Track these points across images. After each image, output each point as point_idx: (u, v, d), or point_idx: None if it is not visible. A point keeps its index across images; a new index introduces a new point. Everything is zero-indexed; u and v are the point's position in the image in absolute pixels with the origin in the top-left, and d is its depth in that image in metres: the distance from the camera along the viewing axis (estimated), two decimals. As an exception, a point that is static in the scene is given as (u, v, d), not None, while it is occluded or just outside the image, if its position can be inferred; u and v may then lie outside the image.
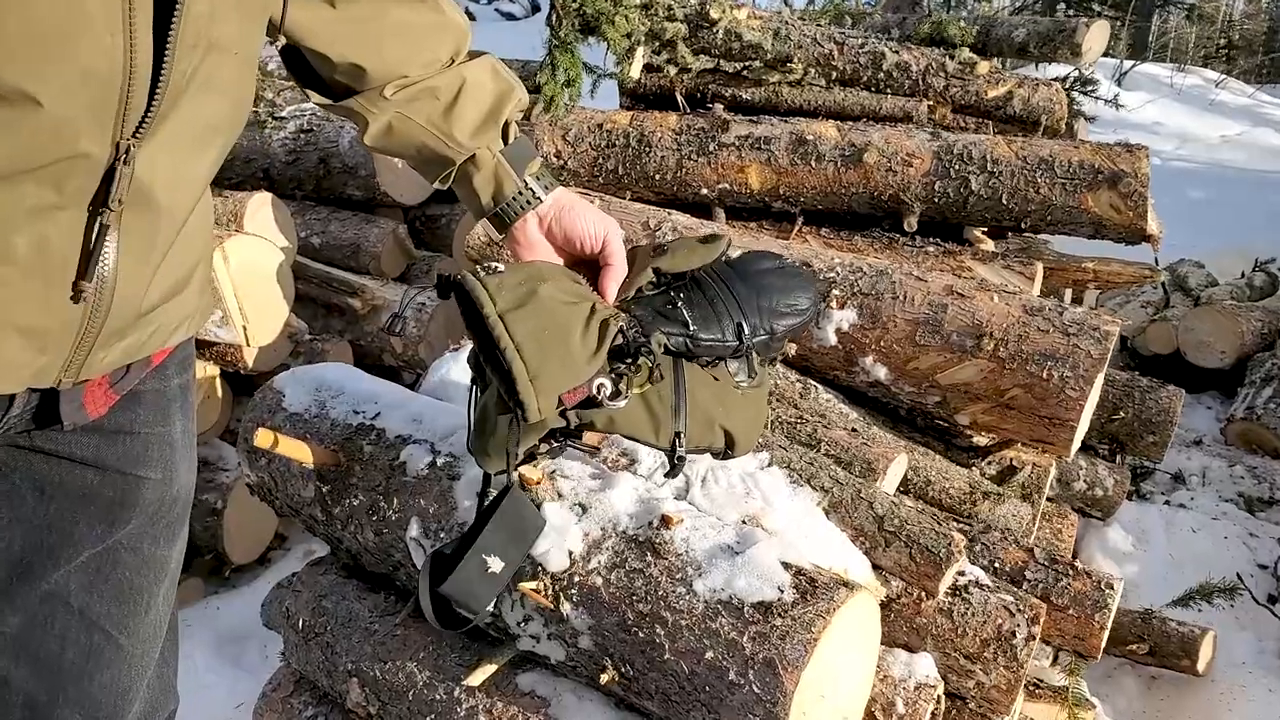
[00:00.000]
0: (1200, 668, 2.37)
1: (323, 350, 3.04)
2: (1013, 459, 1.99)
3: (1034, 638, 1.42)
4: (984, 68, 2.84)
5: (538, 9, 13.06)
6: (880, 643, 1.31)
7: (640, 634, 1.21)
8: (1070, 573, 1.65)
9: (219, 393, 2.73)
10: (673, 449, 1.16)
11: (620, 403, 1.09)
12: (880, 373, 1.89)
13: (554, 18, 2.55)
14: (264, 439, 1.35)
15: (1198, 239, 5.04)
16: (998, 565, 1.65)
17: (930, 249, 2.51)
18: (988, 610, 1.44)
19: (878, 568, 1.45)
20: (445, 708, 1.38)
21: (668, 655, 1.19)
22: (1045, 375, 1.76)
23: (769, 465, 1.46)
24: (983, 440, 2.00)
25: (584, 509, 1.31)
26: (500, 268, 1.11)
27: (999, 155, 2.43)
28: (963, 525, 1.70)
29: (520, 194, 1.18)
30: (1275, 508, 3.34)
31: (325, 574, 1.64)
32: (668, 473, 1.20)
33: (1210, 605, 2.62)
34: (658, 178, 2.66)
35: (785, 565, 1.20)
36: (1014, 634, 1.42)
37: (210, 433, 2.78)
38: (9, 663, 1.04)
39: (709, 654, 1.16)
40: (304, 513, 1.58)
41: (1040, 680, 1.82)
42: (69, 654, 1.06)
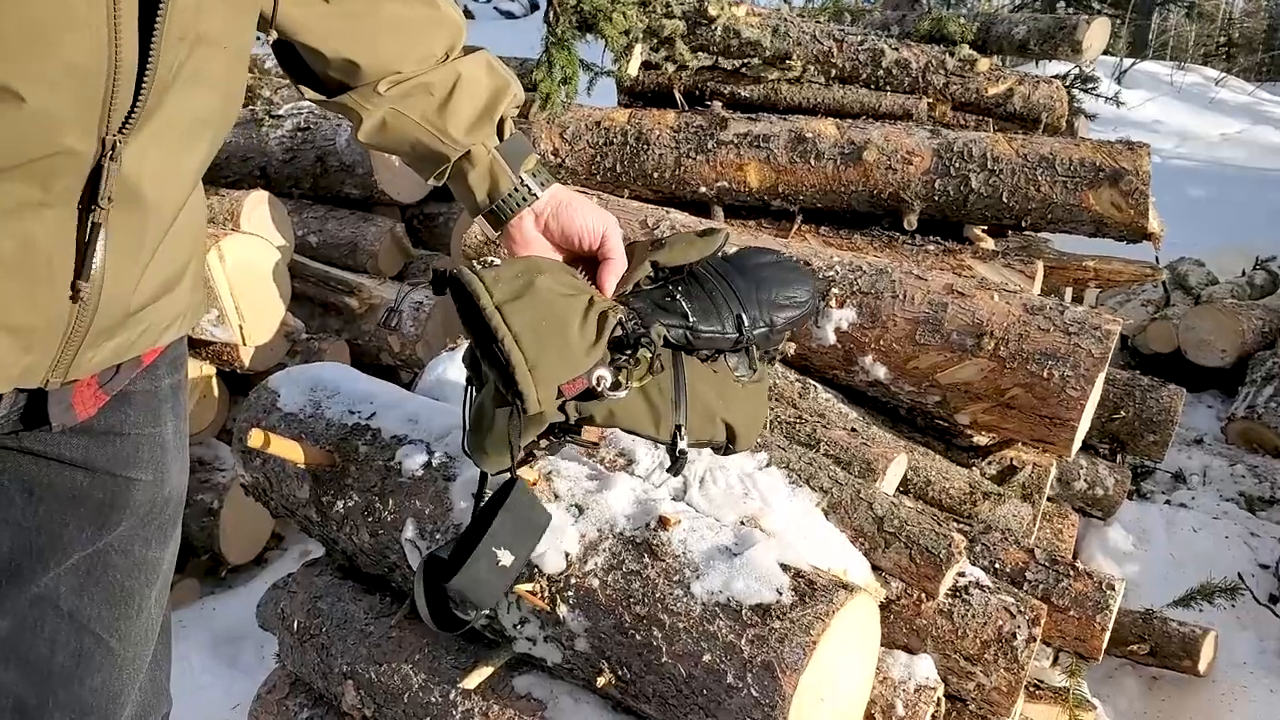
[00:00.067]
0: (1201, 668, 2.36)
1: (320, 349, 3.02)
2: (1013, 459, 1.98)
3: (1035, 639, 1.41)
4: (984, 65, 2.83)
5: (536, 7, 13.05)
6: (880, 644, 1.30)
7: (637, 636, 1.20)
8: (1071, 573, 1.64)
9: (215, 392, 2.73)
10: (673, 442, 1.15)
11: (620, 394, 1.07)
12: (880, 372, 1.88)
13: (551, 15, 2.53)
14: (257, 439, 1.34)
15: (1198, 237, 5.02)
16: (998, 566, 1.64)
17: (930, 247, 2.50)
18: (988, 611, 1.43)
19: (877, 569, 1.44)
20: (441, 710, 1.37)
21: (665, 658, 1.17)
22: (1046, 375, 1.75)
23: (767, 465, 1.45)
24: (983, 440, 1.99)
25: (581, 510, 1.30)
26: (496, 262, 1.10)
27: (999, 153, 2.42)
28: (963, 526, 1.69)
29: (516, 191, 1.16)
30: (1276, 507, 3.33)
31: (320, 575, 1.63)
32: (669, 468, 1.18)
33: (1211, 605, 2.60)
34: (656, 176, 2.64)
35: (784, 567, 1.19)
36: (1014, 635, 1.41)
37: (206, 432, 2.78)
38: None
39: (707, 657, 1.15)
40: (299, 513, 1.57)
41: (1041, 681, 1.81)
42: (59, 657, 1.05)
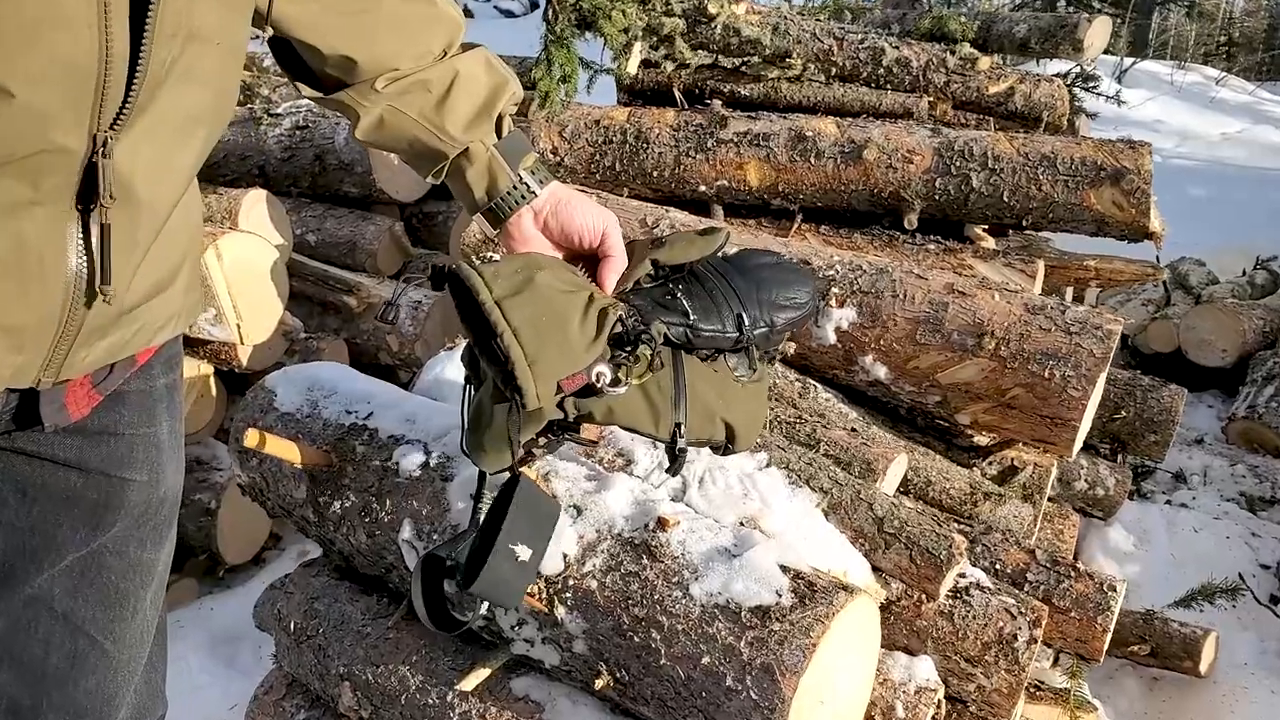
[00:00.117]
0: (1202, 669, 2.35)
1: (318, 348, 3.01)
2: (1014, 459, 1.98)
3: (1036, 641, 1.40)
4: (985, 63, 2.82)
5: (536, 5, 13.05)
6: (880, 646, 1.29)
7: (636, 638, 1.19)
8: (1072, 574, 1.63)
9: (213, 391, 2.72)
10: (673, 440, 1.14)
11: (620, 391, 1.07)
12: (880, 372, 1.87)
13: (550, 13, 2.52)
14: (254, 439, 1.34)
15: (1198, 237, 5.01)
16: (999, 567, 1.63)
17: (931, 247, 2.49)
18: (989, 613, 1.42)
19: (877, 570, 1.43)
20: (438, 712, 1.36)
21: (664, 660, 1.17)
22: (1047, 374, 1.74)
23: (767, 466, 1.44)
24: (983, 440, 1.98)
25: (579, 511, 1.29)
26: (496, 258, 1.09)
27: (1000, 152, 2.41)
28: (963, 526, 1.68)
29: (515, 188, 1.15)
30: (1277, 507, 3.32)
31: (317, 576, 1.62)
32: (668, 468, 1.17)
33: (1212, 606, 2.59)
34: (655, 175, 2.63)
35: (784, 568, 1.18)
36: (1015, 637, 1.40)
37: (204, 432, 2.77)
38: None
39: (706, 659, 1.14)
40: (296, 514, 1.56)
41: (1041, 682, 1.80)
42: (53, 659, 1.05)
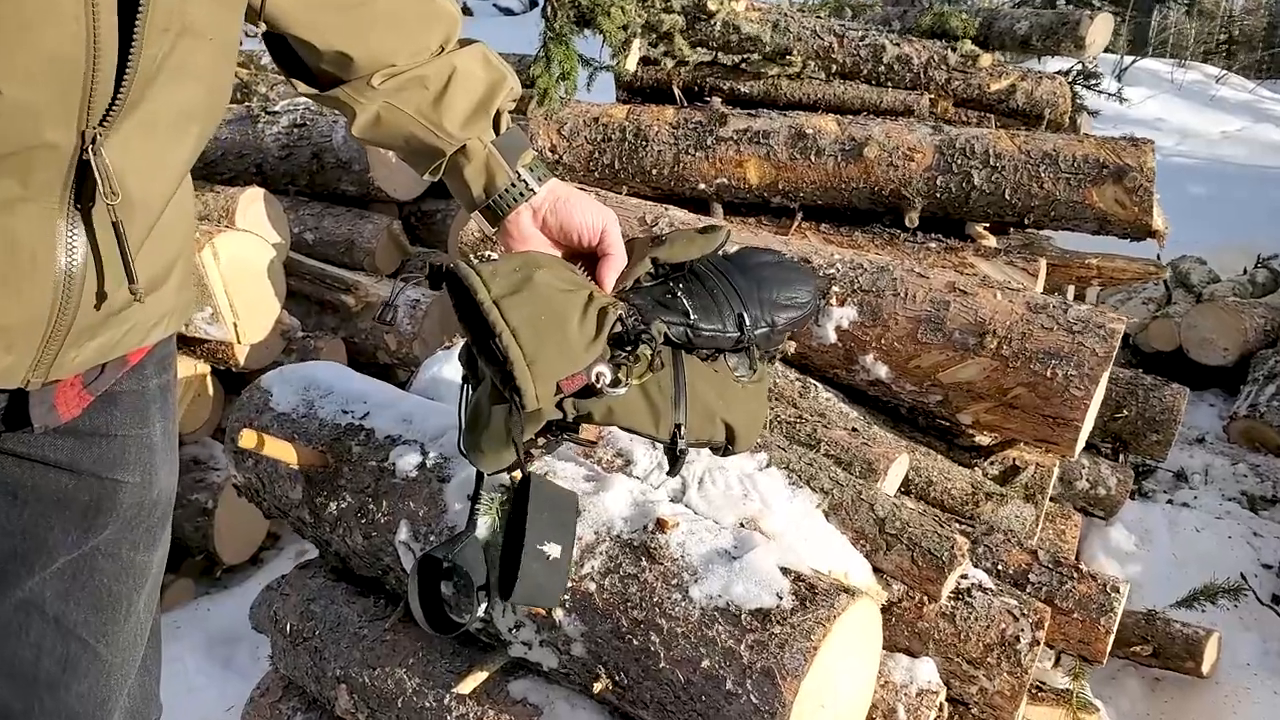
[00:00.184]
0: (1205, 669, 2.33)
1: (316, 347, 3.00)
2: (1015, 459, 1.96)
3: (1038, 643, 1.39)
4: (986, 61, 2.80)
5: (535, 3, 13.02)
6: (881, 648, 1.28)
7: (635, 641, 1.17)
8: (1075, 575, 1.62)
9: (210, 391, 2.71)
10: (673, 441, 1.13)
11: (619, 391, 1.05)
12: (881, 371, 1.86)
13: (549, 9, 2.51)
14: (248, 440, 1.32)
15: (1199, 235, 4.99)
16: (1001, 568, 1.62)
17: (932, 245, 2.47)
18: (991, 615, 1.41)
19: (879, 571, 1.42)
20: (435, 715, 1.35)
21: (663, 664, 1.15)
22: (1049, 374, 1.73)
23: (767, 466, 1.43)
24: (985, 440, 1.97)
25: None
26: (494, 257, 1.07)
27: (1002, 149, 2.39)
28: (965, 527, 1.67)
29: (513, 186, 1.14)
30: (1278, 506, 3.31)
31: (314, 577, 1.61)
32: (668, 468, 1.16)
33: (1214, 606, 2.58)
34: (655, 172, 2.62)
35: (784, 571, 1.17)
36: (1018, 639, 1.39)
37: (201, 431, 2.75)
38: None
39: (705, 663, 1.12)
40: (292, 514, 1.55)
41: (1043, 683, 1.79)
42: (44, 663, 1.03)
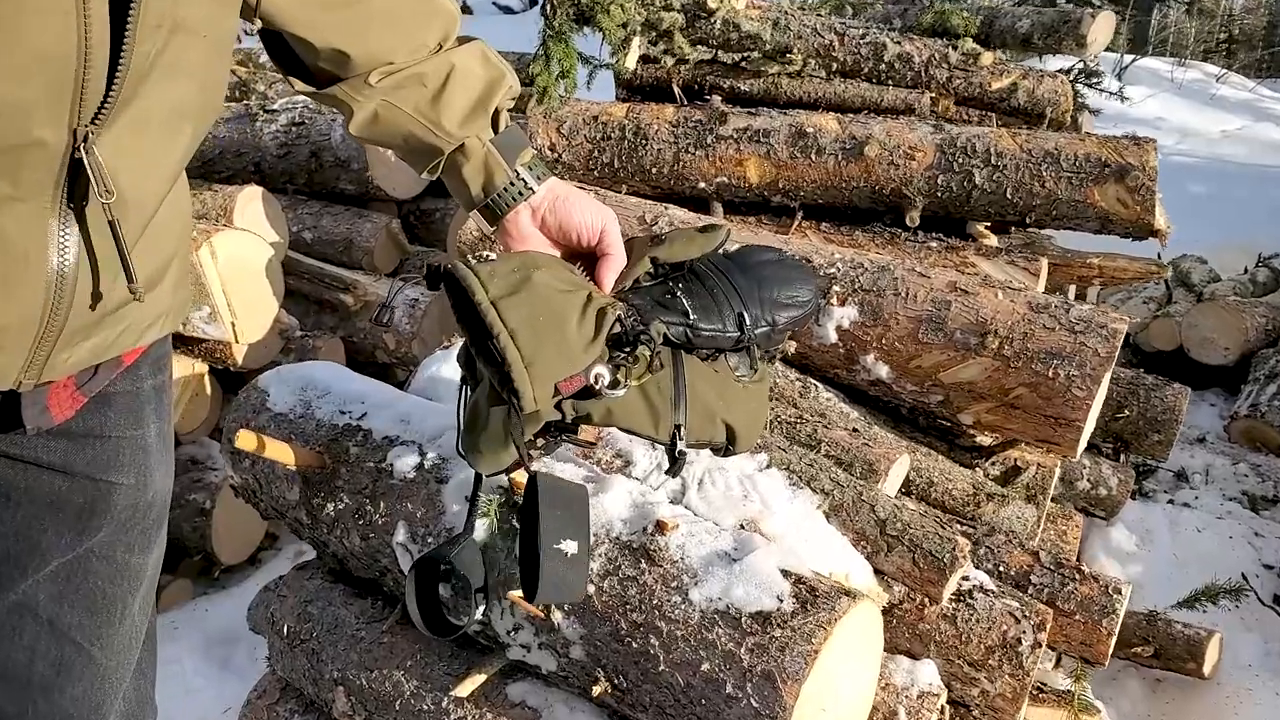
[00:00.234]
0: (1206, 670, 2.33)
1: (314, 347, 2.99)
2: (1017, 459, 1.95)
3: (1040, 645, 1.38)
4: (987, 59, 2.79)
5: (535, 1, 13.01)
6: (883, 650, 1.27)
7: (634, 644, 1.16)
8: (1077, 577, 1.61)
9: (208, 390, 2.70)
10: (673, 442, 1.12)
11: (619, 392, 1.04)
12: (882, 371, 1.85)
13: (548, 7, 2.50)
14: (245, 440, 1.31)
15: (1200, 234, 4.98)
16: (1002, 569, 1.61)
17: (933, 244, 2.46)
18: (992, 616, 1.40)
19: (880, 573, 1.41)
20: (433, 718, 1.34)
21: (662, 667, 1.14)
22: (1051, 374, 1.72)
23: (768, 467, 1.42)
24: (986, 440, 1.96)
25: (576, 513, 1.26)
26: (492, 256, 1.06)
27: (1003, 148, 2.38)
28: (967, 528, 1.66)
29: (512, 184, 1.13)
30: (1279, 506, 3.30)
31: (311, 579, 1.60)
32: (668, 469, 1.15)
33: (1215, 606, 2.57)
34: (654, 171, 2.61)
35: (785, 573, 1.16)
36: (1019, 641, 1.38)
37: (199, 431, 2.74)
38: None
39: (705, 666, 1.11)
40: (289, 516, 1.54)
41: (1044, 684, 1.78)
42: (38, 666, 1.02)
